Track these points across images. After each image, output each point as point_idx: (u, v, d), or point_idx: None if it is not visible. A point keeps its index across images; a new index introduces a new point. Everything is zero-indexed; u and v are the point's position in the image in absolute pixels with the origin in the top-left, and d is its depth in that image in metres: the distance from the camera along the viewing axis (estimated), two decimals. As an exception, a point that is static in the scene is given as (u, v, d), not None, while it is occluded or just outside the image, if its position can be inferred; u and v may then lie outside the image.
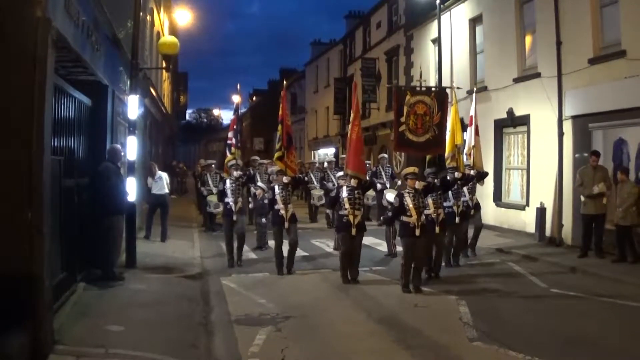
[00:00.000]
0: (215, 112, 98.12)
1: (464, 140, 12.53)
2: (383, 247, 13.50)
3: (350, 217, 10.28)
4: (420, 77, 12.26)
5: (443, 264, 11.21)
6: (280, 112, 11.70)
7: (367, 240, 12.01)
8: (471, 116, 12.95)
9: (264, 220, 13.89)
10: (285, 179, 11.23)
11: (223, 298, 9.17)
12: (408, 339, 7.01)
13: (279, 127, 11.60)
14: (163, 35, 22.25)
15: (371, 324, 7.75)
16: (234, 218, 11.77)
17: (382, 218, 16.87)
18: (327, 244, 14.58)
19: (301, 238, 12.19)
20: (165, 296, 8.79)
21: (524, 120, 15.99)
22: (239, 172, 12.02)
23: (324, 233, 16.56)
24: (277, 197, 11.11)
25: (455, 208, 11.65)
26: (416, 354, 6.50)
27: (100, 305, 7.89)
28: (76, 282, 8.52)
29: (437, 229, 10.41)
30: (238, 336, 7.10)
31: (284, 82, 13.61)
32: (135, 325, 7.06)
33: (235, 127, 12.86)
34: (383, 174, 17.65)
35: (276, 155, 11.56)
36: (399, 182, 15.84)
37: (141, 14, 11.84)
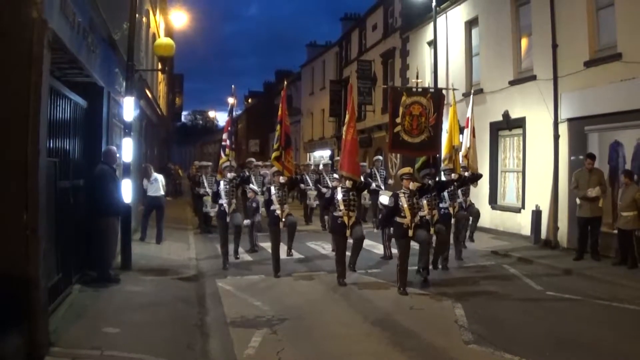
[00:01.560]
0: (211, 114, 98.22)
1: (461, 142, 12.56)
2: (379, 249, 13.49)
3: (345, 219, 10.30)
4: (417, 77, 12.22)
5: (439, 266, 11.26)
6: (279, 112, 11.69)
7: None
8: (467, 118, 13.00)
9: (257, 219, 13.86)
10: (282, 179, 11.23)
11: (218, 300, 9.15)
12: (403, 342, 7.01)
13: (278, 127, 11.59)
14: (159, 37, 22.24)
15: (366, 326, 7.74)
16: (228, 220, 11.76)
17: (376, 220, 16.97)
18: (322, 247, 14.57)
19: (296, 240, 12.22)
20: (160, 298, 8.77)
21: (520, 123, 16.02)
22: (233, 174, 12.00)
23: (319, 235, 16.55)
24: (274, 197, 11.13)
25: (451, 209, 11.71)
26: (411, 357, 6.50)
27: (95, 307, 7.88)
28: (71, 284, 8.49)
29: (431, 230, 10.44)
30: (234, 338, 7.09)
31: (284, 82, 13.55)
32: (131, 327, 7.04)
33: (229, 128, 12.83)
34: (378, 176, 17.65)
35: (273, 155, 11.56)
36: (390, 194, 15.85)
37: (137, 15, 11.83)
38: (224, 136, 12.67)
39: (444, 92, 12.25)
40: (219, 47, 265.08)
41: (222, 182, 11.94)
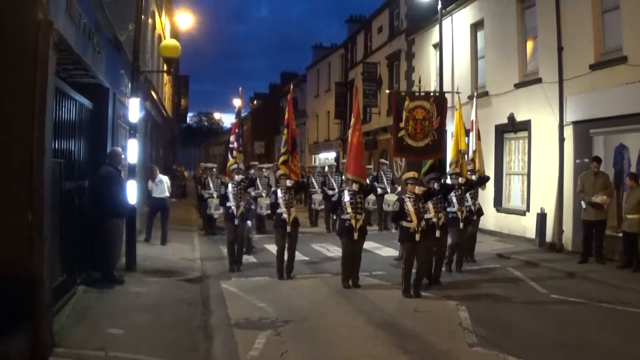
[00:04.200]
0: (216, 115, 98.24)
1: (467, 146, 12.53)
2: (384, 251, 13.50)
3: (353, 222, 10.25)
4: (420, 82, 12.22)
5: (444, 269, 11.20)
6: (286, 116, 11.69)
7: (367, 245, 11.98)
8: (472, 121, 12.97)
9: (249, 223, 13.85)
10: (288, 183, 11.21)
11: (223, 302, 9.15)
12: (407, 344, 6.99)
13: (285, 130, 11.58)
14: (164, 38, 22.28)
15: (371, 329, 7.73)
16: (236, 222, 11.72)
17: (382, 223, 17.16)
18: (327, 248, 14.57)
19: (301, 242, 12.17)
20: (165, 299, 8.78)
21: (525, 126, 15.99)
22: (241, 176, 11.99)
23: (324, 237, 16.56)
24: (280, 200, 11.08)
25: (459, 213, 11.63)
26: (415, 359, 6.49)
27: (99, 308, 7.88)
28: (76, 285, 8.50)
29: (437, 234, 10.40)
30: (238, 340, 7.08)
31: (291, 86, 13.58)
32: (135, 329, 7.05)
33: (237, 130, 12.82)
34: (384, 178, 17.67)
35: (281, 159, 11.56)
36: (399, 188, 15.89)
37: (143, 16, 11.85)
38: (232, 138, 12.66)
39: (447, 95, 12.22)
40: (224, 48, 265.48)
41: (230, 185, 11.89)
